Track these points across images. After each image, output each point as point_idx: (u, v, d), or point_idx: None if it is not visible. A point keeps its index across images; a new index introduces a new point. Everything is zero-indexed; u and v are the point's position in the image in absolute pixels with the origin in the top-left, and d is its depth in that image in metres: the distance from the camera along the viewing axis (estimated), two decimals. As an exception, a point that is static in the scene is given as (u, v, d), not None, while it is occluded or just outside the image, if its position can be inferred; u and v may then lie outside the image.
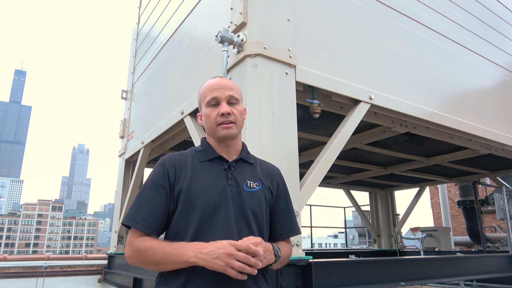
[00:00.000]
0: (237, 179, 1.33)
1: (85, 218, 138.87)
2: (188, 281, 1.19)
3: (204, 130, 1.45)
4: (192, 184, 1.28)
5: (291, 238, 2.19)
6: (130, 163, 5.04)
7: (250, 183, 1.35)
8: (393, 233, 7.54)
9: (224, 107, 1.34)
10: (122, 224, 1.30)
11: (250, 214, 1.30)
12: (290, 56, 2.52)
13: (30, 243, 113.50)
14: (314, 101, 2.74)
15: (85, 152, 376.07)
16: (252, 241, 1.17)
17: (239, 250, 1.13)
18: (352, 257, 2.96)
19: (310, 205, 9.32)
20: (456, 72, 3.89)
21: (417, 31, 3.58)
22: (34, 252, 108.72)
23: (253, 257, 1.14)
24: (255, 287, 1.25)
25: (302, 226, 4.51)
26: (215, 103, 1.36)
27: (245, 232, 1.27)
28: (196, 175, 1.30)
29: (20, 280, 4.39)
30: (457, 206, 8.28)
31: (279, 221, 1.42)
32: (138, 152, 4.49)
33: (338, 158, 3.63)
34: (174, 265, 1.17)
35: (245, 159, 1.41)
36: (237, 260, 1.12)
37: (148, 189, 1.29)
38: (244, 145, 1.45)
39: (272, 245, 1.30)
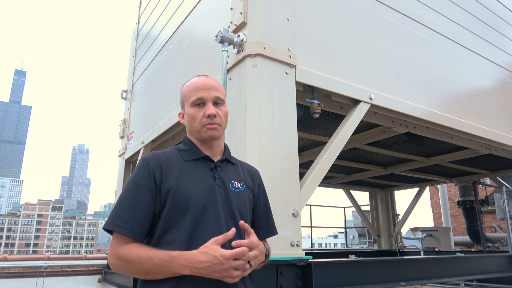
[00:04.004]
0: (223, 179, 1.32)
1: (85, 218, 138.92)
2: (179, 283, 1.16)
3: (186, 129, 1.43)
4: (180, 184, 1.24)
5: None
6: (130, 163, 5.04)
7: (235, 184, 1.35)
8: (393, 233, 7.54)
9: (211, 109, 1.31)
10: (103, 229, 1.22)
11: (237, 214, 1.30)
12: (290, 56, 2.52)
13: (30, 243, 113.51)
14: (314, 101, 2.74)
15: (85, 152, 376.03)
16: (250, 243, 1.16)
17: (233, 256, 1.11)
18: (352, 257, 2.96)
19: (310, 205, 9.32)
20: (456, 72, 3.90)
21: (417, 31, 3.58)
22: (34, 252, 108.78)
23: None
24: (243, 286, 1.25)
25: (302, 226, 4.51)
26: (200, 103, 1.33)
27: (240, 235, 1.25)
28: (184, 175, 1.27)
29: (20, 280, 4.39)
30: (457, 206, 8.28)
31: (258, 221, 1.43)
32: (138, 152, 4.49)
33: (338, 158, 3.63)
34: (165, 275, 1.14)
35: (229, 159, 1.40)
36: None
37: (132, 191, 1.22)
38: (226, 146, 1.44)
39: (264, 245, 1.31)
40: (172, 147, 1.39)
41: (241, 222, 1.22)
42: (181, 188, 1.23)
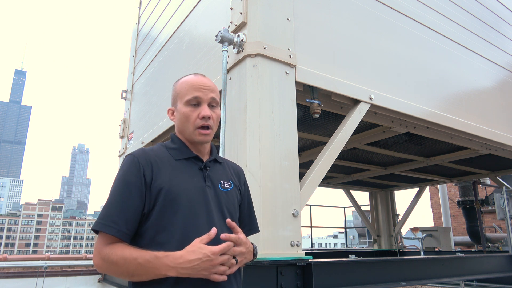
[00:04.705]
0: (212, 180, 1.31)
1: (85, 218, 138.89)
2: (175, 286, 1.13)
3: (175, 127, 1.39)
4: (172, 183, 1.21)
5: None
6: (130, 163, 5.03)
7: (224, 183, 1.34)
8: (393, 233, 7.53)
9: (206, 110, 1.28)
10: (92, 229, 1.16)
11: (227, 214, 1.30)
12: (290, 56, 2.52)
13: (30, 243, 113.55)
14: (314, 101, 2.74)
15: (85, 152, 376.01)
16: (237, 239, 1.16)
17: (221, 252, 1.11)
18: (352, 257, 2.96)
19: (310, 205, 9.32)
20: (456, 72, 3.90)
21: (417, 31, 3.58)
22: (34, 252, 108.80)
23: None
24: (235, 282, 1.26)
25: (302, 226, 4.51)
26: (195, 103, 1.29)
27: (225, 232, 1.27)
28: (175, 174, 1.24)
29: (20, 280, 4.39)
30: (457, 206, 8.28)
31: (242, 219, 1.44)
32: (138, 152, 4.48)
33: (338, 158, 3.63)
34: (151, 276, 1.10)
35: (216, 159, 1.40)
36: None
37: (120, 189, 1.17)
38: (212, 145, 1.43)
39: (252, 245, 1.32)
40: (159, 144, 1.35)
41: (228, 220, 1.23)
42: (173, 187, 1.20)
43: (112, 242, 1.13)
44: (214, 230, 1.13)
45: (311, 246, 10.63)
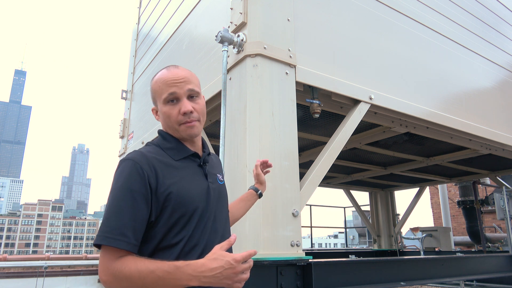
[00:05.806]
0: (211, 175, 1.29)
1: (85, 218, 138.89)
2: None
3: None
4: (180, 187, 1.16)
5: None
6: (130, 163, 5.03)
7: (219, 176, 1.34)
8: (393, 233, 7.54)
9: (186, 105, 1.20)
10: (94, 244, 1.06)
11: (227, 207, 1.34)
12: (290, 56, 2.52)
13: (30, 243, 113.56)
14: (314, 101, 2.74)
15: (85, 152, 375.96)
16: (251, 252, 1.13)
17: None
18: (352, 257, 2.96)
19: (310, 205, 9.32)
20: (456, 72, 3.90)
21: (417, 31, 3.58)
22: (34, 252, 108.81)
23: None
24: None
25: (302, 226, 4.52)
26: (173, 99, 1.21)
27: (228, 228, 1.30)
28: (179, 176, 1.18)
29: (20, 280, 4.39)
30: (457, 206, 8.28)
31: None
32: (138, 152, 4.48)
33: (338, 158, 3.64)
34: None
35: (209, 152, 1.37)
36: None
37: (125, 199, 1.08)
38: (202, 138, 1.38)
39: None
40: (152, 144, 1.26)
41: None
42: (181, 191, 1.15)
43: (121, 255, 1.05)
44: (234, 237, 1.08)
45: (311, 246, 10.63)
